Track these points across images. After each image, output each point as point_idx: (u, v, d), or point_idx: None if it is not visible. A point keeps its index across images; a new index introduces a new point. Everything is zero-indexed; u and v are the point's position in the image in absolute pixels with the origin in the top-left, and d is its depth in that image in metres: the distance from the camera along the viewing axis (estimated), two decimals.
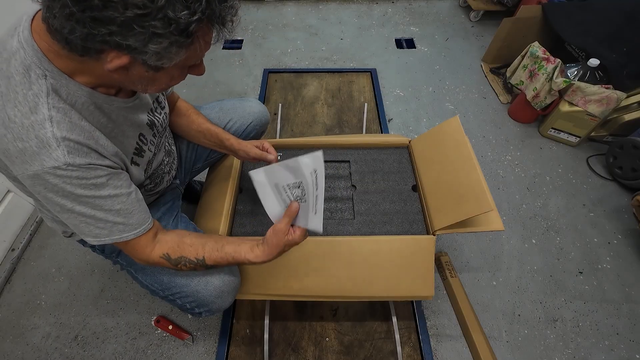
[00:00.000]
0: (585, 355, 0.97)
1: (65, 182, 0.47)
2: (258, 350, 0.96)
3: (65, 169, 0.46)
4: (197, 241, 0.63)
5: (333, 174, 0.96)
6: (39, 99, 0.44)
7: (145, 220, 0.58)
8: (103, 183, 0.51)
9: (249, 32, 2.09)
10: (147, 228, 0.59)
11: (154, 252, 0.60)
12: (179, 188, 0.90)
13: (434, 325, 1.01)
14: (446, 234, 0.91)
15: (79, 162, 0.47)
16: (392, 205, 0.88)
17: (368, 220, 0.86)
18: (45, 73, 0.45)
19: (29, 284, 1.10)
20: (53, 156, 0.45)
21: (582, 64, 1.37)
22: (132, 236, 0.56)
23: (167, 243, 0.62)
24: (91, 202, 0.51)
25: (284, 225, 0.59)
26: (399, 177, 0.94)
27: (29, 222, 1.22)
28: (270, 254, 0.61)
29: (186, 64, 0.49)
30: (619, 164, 1.31)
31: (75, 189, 0.48)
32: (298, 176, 0.58)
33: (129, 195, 0.55)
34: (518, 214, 1.26)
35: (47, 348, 0.98)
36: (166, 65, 0.45)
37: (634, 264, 1.14)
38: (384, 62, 1.87)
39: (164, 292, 0.72)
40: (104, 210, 0.52)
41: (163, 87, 0.53)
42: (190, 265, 0.63)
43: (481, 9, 2.04)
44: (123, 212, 0.54)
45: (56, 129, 0.45)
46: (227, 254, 0.63)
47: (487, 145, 1.48)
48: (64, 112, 0.46)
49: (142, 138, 0.63)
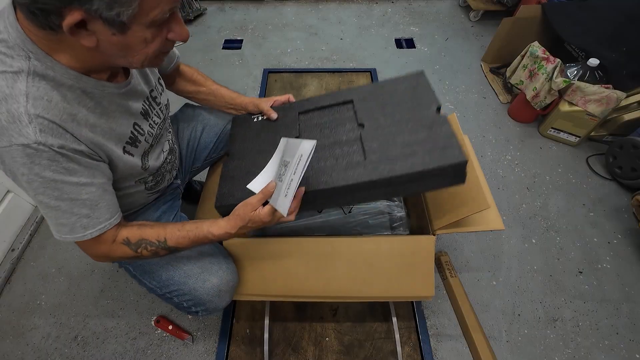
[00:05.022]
0: (585, 355, 0.97)
1: (33, 162, 0.45)
2: (258, 350, 0.95)
3: (35, 147, 0.44)
4: (158, 225, 0.62)
5: (333, 120, 0.76)
6: (18, 76, 0.43)
7: (112, 215, 0.56)
8: (74, 169, 0.48)
9: (249, 32, 2.09)
10: (113, 223, 0.56)
11: (114, 242, 0.58)
12: (179, 188, 0.90)
13: (434, 325, 1.01)
14: (446, 233, 0.91)
15: (50, 142, 0.45)
16: (413, 135, 0.66)
17: (384, 157, 0.64)
18: (29, 55, 0.44)
19: (28, 284, 1.10)
20: (23, 132, 0.43)
21: (582, 63, 1.37)
22: (96, 232, 0.54)
23: (127, 229, 0.59)
24: (58, 188, 0.48)
25: (255, 200, 0.59)
26: (417, 103, 0.71)
27: (29, 222, 1.22)
28: (234, 225, 0.60)
29: (151, 18, 0.44)
30: (619, 163, 1.31)
31: (42, 171, 0.46)
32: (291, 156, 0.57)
33: (100, 186, 0.53)
34: (518, 214, 1.26)
35: (47, 348, 0.98)
36: (125, 19, 0.41)
37: (633, 263, 1.14)
38: (384, 62, 1.87)
39: (162, 290, 0.72)
40: (70, 200, 0.50)
41: (144, 55, 0.49)
42: (151, 248, 0.60)
43: (481, 8, 2.04)
44: (89, 203, 0.52)
45: (30, 105, 0.43)
46: (188, 232, 0.61)
47: (486, 145, 1.48)
48: (44, 91, 0.45)
49: (138, 127, 0.61)
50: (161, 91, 0.71)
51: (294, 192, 0.56)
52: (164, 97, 0.72)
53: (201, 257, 0.72)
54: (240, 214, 0.60)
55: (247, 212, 0.59)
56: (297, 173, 0.55)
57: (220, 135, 0.92)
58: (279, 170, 0.61)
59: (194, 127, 0.90)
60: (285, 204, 0.56)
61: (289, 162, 0.57)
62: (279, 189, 0.58)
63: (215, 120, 0.92)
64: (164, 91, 0.73)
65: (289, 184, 0.56)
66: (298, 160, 0.55)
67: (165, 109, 0.72)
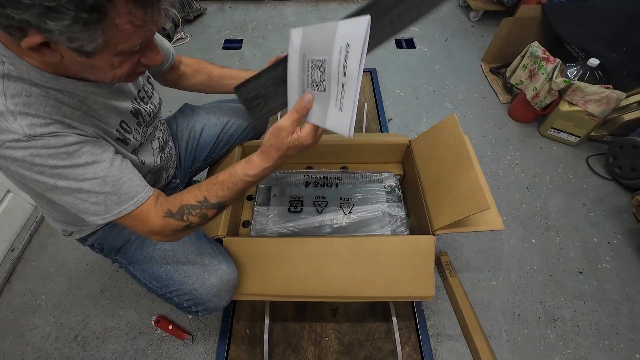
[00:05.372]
0: (585, 355, 0.97)
1: (31, 154, 0.44)
2: (258, 351, 0.95)
3: (27, 140, 0.43)
4: (192, 188, 0.58)
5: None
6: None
7: (141, 188, 0.54)
8: (76, 150, 0.47)
9: (249, 32, 2.09)
10: (146, 197, 0.54)
11: (156, 217, 0.55)
12: (179, 188, 0.90)
13: (434, 325, 1.01)
14: (446, 233, 0.91)
15: (41, 132, 0.44)
16: None
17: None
18: (2, 59, 0.43)
19: (28, 284, 1.10)
20: (10, 129, 0.42)
21: (582, 63, 1.37)
22: (131, 207, 0.52)
23: (166, 201, 0.57)
24: (69, 173, 0.47)
25: (287, 122, 0.49)
26: None
27: (28, 222, 1.22)
28: (270, 158, 0.52)
29: (119, 49, 0.43)
30: (619, 163, 1.31)
31: (45, 161, 0.45)
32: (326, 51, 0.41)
33: (112, 160, 0.51)
34: (518, 214, 1.26)
35: (47, 348, 0.98)
36: (88, 49, 0.40)
37: (633, 263, 1.14)
38: (384, 62, 1.87)
39: (162, 290, 0.72)
40: (88, 180, 0.48)
41: (115, 77, 0.48)
42: (195, 211, 0.56)
43: (481, 8, 2.04)
44: (110, 180, 0.50)
45: (10, 103, 0.42)
46: (224, 182, 0.56)
47: (486, 145, 1.48)
48: (22, 88, 0.43)
49: (125, 125, 0.60)
50: (151, 90, 0.69)
51: (354, 102, 0.40)
52: (155, 97, 0.71)
53: (201, 257, 0.72)
54: (273, 143, 0.51)
55: (282, 138, 0.50)
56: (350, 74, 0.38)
57: (220, 135, 0.92)
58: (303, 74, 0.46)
59: (193, 126, 0.90)
60: (344, 121, 0.42)
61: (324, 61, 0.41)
62: (323, 101, 0.43)
63: (215, 120, 0.92)
64: (155, 90, 0.71)
65: (341, 90, 0.40)
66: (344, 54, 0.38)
67: (157, 108, 0.71)
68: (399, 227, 0.91)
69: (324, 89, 0.42)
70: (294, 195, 0.98)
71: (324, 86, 0.42)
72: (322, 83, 0.42)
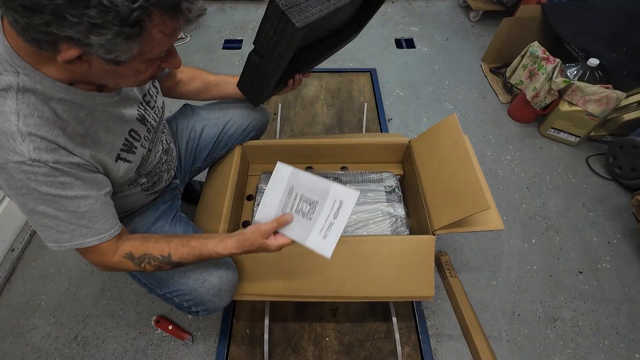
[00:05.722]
0: (585, 355, 0.97)
1: (29, 178, 0.45)
2: (258, 351, 0.95)
3: (30, 164, 0.44)
4: (163, 239, 0.61)
5: None
6: (7, 93, 0.43)
7: (112, 226, 0.56)
8: (71, 182, 0.49)
9: (249, 32, 2.09)
10: (113, 235, 0.56)
11: (115, 255, 0.58)
12: (179, 188, 0.90)
13: (434, 325, 1.01)
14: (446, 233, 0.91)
15: (45, 159, 0.45)
16: None
17: None
18: (17, 70, 0.44)
19: (28, 284, 1.10)
20: (17, 150, 0.43)
21: (582, 63, 1.37)
22: (95, 242, 0.54)
23: (131, 242, 0.59)
24: (56, 201, 0.48)
25: (269, 228, 0.58)
26: None
27: (28, 222, 1.21)
28: (241, 247, 0.59)
29: (148, 57, 0.46)
30: (619, 163, 1.31)
31: (39, 186, 0.46)
32: (318, 197, 0.56)
33: (98, 198, 0.53)
34: (518, 214, 1.26)
35: (47, 348, 0.98)
36: (122, 59, 0.42)
37: (633, 263, 1.14)
38: (384, 62, 1.87)
39: (162, 290, 0.72)
40: (68, 212, 0.50)
41: (136, 82, 0.50)
42: (155, 263, 0.60)
43: (481, 8, 2.04)
44: (88, 215, 0.52)
45: (22, 123, 0.43)
46: (193, 248, 0.60)
47: (486, 145, 1.48)
48: (34, 107, 0.45)
49: (134, 134, 0.61)
50: (155, 94, 0.70)
51: (338, 237, 0.56)
52: (160, 100, 0.72)
53: None
54: (249, 238, 0.58)
55: (257, 238, 0.58)
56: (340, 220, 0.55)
57: (220, 135, 0.92)
58: (288, 200, 0.59)
59: (193, 127, 0.90)
60: (328, 246, 0.56)
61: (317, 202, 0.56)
62: (305, 226, 0.57)
63: (215, 120, 0.92)
64: (159, 93, 0.72)
65: (328, 226, 0.56)
66: (336, 206, 0.56)
67: (161, 111, 0.72)
68: (399, 227, 0.91)
69: (310, 218, 0.57)
70: None
71: (310, 217, 0.57)
72: (309, 214, 0.57)
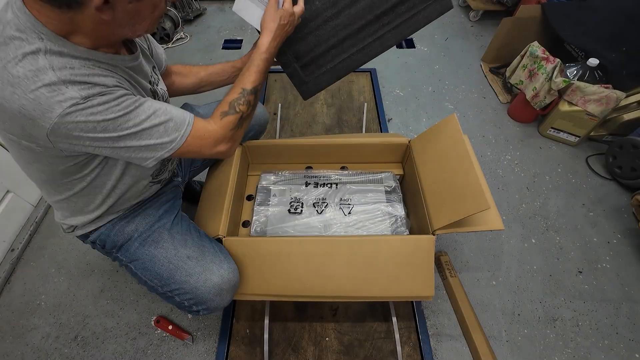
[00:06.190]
0: (585, 355, 0.97)
1: (92, 112, 0.48)
2: (258, 350, 0.96)
3: (84, 102, 0.47)
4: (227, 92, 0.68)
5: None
6: (37, 55, 0.46)
7: (185, 112, 0.61)
8: (124, 100, 0.52)
9: (249, 32, 2.08)
10: (192, 116, 0.61)
11: (214, 123, 0.64)
12: (180, 186, 0.90)
13: (434, 325, 1.01)
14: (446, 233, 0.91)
15: (92, 92, 0.48)
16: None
17: None
18: (41, 36, 0.46)
19: (28, 284, 1.10)
20: (67, 95, 0.46)
21: (582, 63, 1.37)
22: (189, 128, 0.59)
23: (215, 111, 0.65)
24: (128, 118, 0.52)
25: (271, 6, 0.68)
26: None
27: (28, 222, 1.22)
28: (269, 30, 0.68)
29: None
30: (619, 163, 1.31)
31: (105, 115, 0.50)
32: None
33: (152, 99, 0.57)
34: (518, 214, 1.26)
35: (47, 348, 0.98)
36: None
37: (633, 263, 1.14)
38: (384, 61, 1.87)
39: (163, 289, 0.72)
40: (145, 120, 0.54)
41: (150, 23, 0.55)
42: (241, 100, 0.66)
43: (481, 8, 2.04)
44: (161, 112, 0.56)
45: (59, 73, 0.46)
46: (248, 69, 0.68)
47: (486, 145, 1.48)
48: (64, 62, 0.48)
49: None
50: (157, 80, 0.72)
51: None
52: (161, 86, 0.73)
53: (202, 257, 0.72)
54: (266, 17, 0.68)
55: (272, 15, 0.67)
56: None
57: None
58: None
59: None
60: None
61: None
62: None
63: None
64: (160, 81, 0.74)
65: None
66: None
67: (166, 94, 0.74)
68: (399, 227, 0.91)
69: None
70: (294, 196, 0.98)
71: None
72: None
